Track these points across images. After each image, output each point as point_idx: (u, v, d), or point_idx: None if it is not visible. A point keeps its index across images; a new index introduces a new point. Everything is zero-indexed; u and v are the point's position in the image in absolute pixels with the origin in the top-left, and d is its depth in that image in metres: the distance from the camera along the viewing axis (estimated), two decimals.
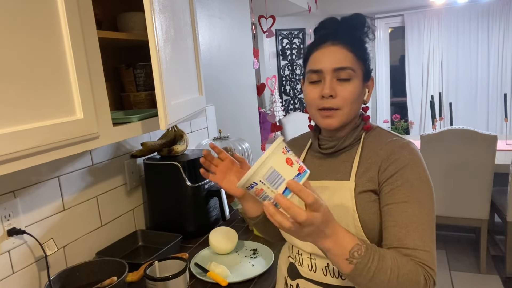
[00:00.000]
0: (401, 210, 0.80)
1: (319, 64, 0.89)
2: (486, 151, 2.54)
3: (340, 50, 0.88)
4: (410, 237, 0.78)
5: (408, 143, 0.87)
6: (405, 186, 0.81)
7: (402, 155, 0.84)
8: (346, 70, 0.86)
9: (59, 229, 1.22)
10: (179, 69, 1.17)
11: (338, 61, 0.87)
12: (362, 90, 0.90)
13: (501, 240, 3.13)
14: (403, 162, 0.83)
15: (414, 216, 0.79)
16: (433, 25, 4.99)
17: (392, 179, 0.83)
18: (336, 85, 0.87)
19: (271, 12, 3.23)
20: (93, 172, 1.35)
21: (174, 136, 1.60)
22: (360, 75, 0.89)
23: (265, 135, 3.01)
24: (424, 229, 0.78)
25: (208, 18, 2.19)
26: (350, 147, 0.93)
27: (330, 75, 0.87)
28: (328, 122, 0.89)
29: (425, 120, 5.19)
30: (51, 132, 0.80)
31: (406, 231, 0.79)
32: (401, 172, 0.83)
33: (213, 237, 1.34)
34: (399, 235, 0.79)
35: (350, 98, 0.87)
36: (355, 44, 0.89)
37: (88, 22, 0.92)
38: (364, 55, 0.90)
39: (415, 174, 0.82)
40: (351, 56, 0.88)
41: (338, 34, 0.90)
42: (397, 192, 0.82)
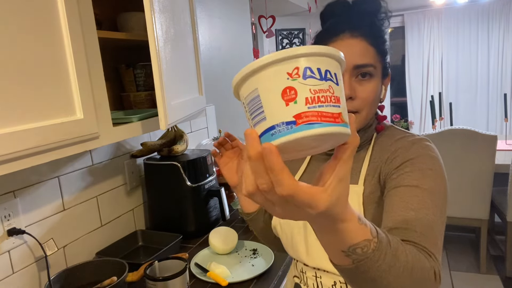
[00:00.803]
0: (412, 193, 0.69)
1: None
2: (486, 151, 2.54)
3: (361, 43, 0.76)
4: (419, 222, 0.66)
5: (421, 139, 0.77)
6: (416, 173, 0.71)
7: (413, 148, 0.75)
8: (368, 67, 0.75)
9: (59, 229, 1.22)
10: (179, 69, 1.17)
11: (359, 56, 0.75)
12: (381, 89, 0.81)
13: (501, 240, 3.13)
14: (413, 154, 0.74)
15: (426, 203, 0.68)
16: (433, 25, 4.99)
17: (399, 168, 0.73)
18: (355, 85, 0.76)
19: (271, 12, 3.23)
20: (93, 172, 1.35)
21: (174, 136, 1.60)
22: (380, 72, 0.79)
23: None
24: (435, 221, 0.67)
25: (208, 18, 2.19)
26: (360, 148, 0.84)
27: (349, 72, 0.76)
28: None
29: (425, 120, 5.19)
30: (51, 132, 0.80)
31: (416, 213, 0.67)
32: (411, 161, 0.72)
33: (213, 237, 1.34)
34: (407, 216, 0.67)
35: (370, 99, 0.77)
36: (376, 36, 0.77)
37: (88, 22, 0.92)
38: (384, 48, 0.80)
39: (428, 164, 0.72)
40: (372, 51, 0.76)
41: (355, 22, 0.77)
42: (407, 177, 0.71)
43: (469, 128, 2.58)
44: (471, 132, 2.56)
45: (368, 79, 0.77)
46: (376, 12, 0.80)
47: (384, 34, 0.81)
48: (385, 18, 0.81)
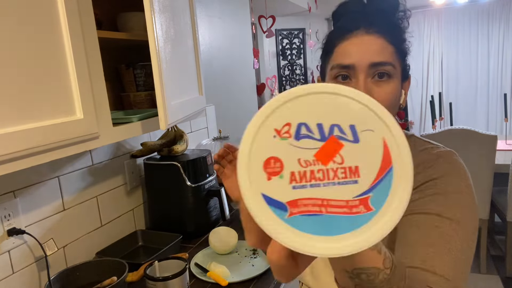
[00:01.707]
0: (432, 224, 0.62)
1: (349, 57, 0.67)
2: (486, 151, 2.54)
3: (378, 40, 0.67)
4: (440, 260, 0.59)
5: (447, 153, 0.70)
6: (440, 198, 0.64)
7: (437, 163, 0.67)
8: (387, 66, 0.67)
9: (59, 229, 1.22)
10: (179, 69, 1.17)
11: (376, 54, 0.67)
12: (400, 92, 0.72)
13: (501, 240, 3.13)
14: (438, 171, 0.66)
15: (449, 236, 0.61)
16: (433, 25, 4.99)
17: (421, 187, 0.66)
18: (371, 86, 0.67)
19: (271, 12, 3.23)
20: (93, 172, 1.35)
21: (174, 136, 1.60)
22: (399, 73, 0.70)
23: None
24: (459, 257, 0.60)
25: (208, 18, 2.19)
26: None
27: (365, 72, 0.67)
28: None
29: (425, 120, 5.20)
30: (51, 132, 0.80)
31: (435, 250, 0.60)
32: (434, 181, 0.65)
33: (213, 237, 1.34)
34: (424, 254, 0.60)
35: (387, 102, 0.67)
36: (395, 34, 0.70)
37: (88, 22, 0.92)
38: (404, 48, 0.72)
39: (453, 185, 0.64)
40: (391, 49, 0.68)
41: (373, 18, 0.70)
42: (428, 202, 0.64)
43: (469, 128, 2.58)
44: (471, 132, 2.56)
45: (387, 80, 0.68)
46: (394, 10, 0.73)
47: (403, 33, 0.73)
48: (404, 17, 0.74)
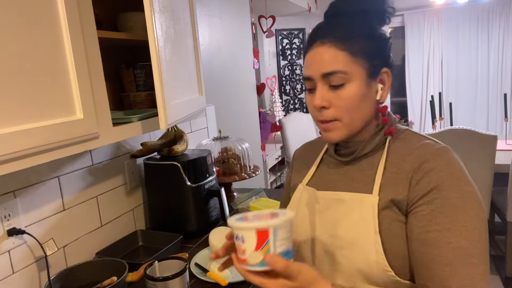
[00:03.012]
0: (444, 241, 0.64)
1: (308, 70, 0.75)
2: (486, 151, 2.54)
3: (329, 50, 0.72)
4: (456, 277, 0.63)
5: (445, 149, 0.71)
6: (446, 208, 0.66)
7: (438, 165, 0.68)
8: (337, 74, 0.72)
9: (59, 229, 1.22)
10: (179, 69, 1.17)
11: (326, 64, 0.72)
12: (367, 91, 0.74)
13: (501, 240, 3.13)
14: (440, 175, 0.68)
15: (461, 249, 0.63)
16: (433, 25, 4.99)
17: (428, 197, 0.67)
18: (329, 93, 0.73)
19: (271, 12, 3.23)
20: (93, 172, 1.35)
21: (174, 136, 1.60)
22: (361, 73, 0.73)
23: (265, 135, 3.01)
24: (474, 263, 0.63)
25: (208, 18, 2.19)
26: (372, 153, 0.78)
27: (321, 82, 0.74)
28: (327, 136, 0.77)
29: (425, 120, 5.19)
30: (51, 132, 0.80)
31: (450, 269, 0.63)
32: (439, 188, 0.67)
33: (213, 237, 1.34)
34: (442, 274, 0.64)
35: (347, 107, 0.73)
36: (349, 37, 0.72)
37: (88, 22, 0.92)
38: (366, 46, 0.73)
39: (456, 190, 0.66)
40: (342, 55, 0.71)
41: (329, 27, 0.75)
42: (437, 215, 0.66)
43: (469, 128, 2.58)
44: (471, 132, 2.56)
45: (341, 86, 0.72)
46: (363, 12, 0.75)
47: (371, 31, 0.75)
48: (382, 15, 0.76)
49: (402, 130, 0.80)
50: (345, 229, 0.74)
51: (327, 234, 0.77)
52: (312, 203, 0.82)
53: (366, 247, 0.70)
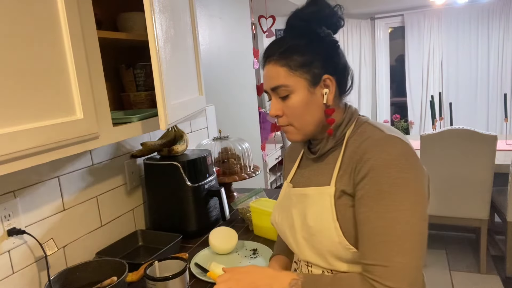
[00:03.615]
0: (368, 220, 0.75)
1: (264, 85, 0.89)
2: (486, 151, 2.54)
3: (272, 67, 0.84)
4: (371, 251, 0.73)
5: (384, 139, 0.77)
6: (374, 192, 0.74)
7: (375, 154, 0.75)
8: (280, 88, 0.83)
9: (59, 229, 1.22)
10: (179, 69, 1.17)
11: (272, 80, 0.84)
12: (311, 98, 0.83)
13: (501, 240, 3.13)
14: (373, 163, 0.75)
15: (379, 228, 0.73)
16: (433, 25, 4.99)
17: (362, 183, 0.76)
18: (280, 104, 0.85)
19: (271, 12, 3.23)
20: (93, 172, 1.35)
21: (174, 136, 1.60)
22: (303, 84, 0.82)
23: (265, 135, 3.01)
24: (389, 241, 0.72)
25: (208, 18, 2.19)
26: (334, 149, 0.88)
27: (273, 94, 0.86)
28: (289, 138, 0.89)
29: (425, 120, 5.19)
30: (51, 132, 0.80)
31: (369, 244, 0.74)
32: (371, 175, 0.75)
33: (213, 237, 1.34)
34: (362, 249, 0.76)
35: (295, 113, 0.84)
36: (287, 54, 0.82)
37: (88, 22, 0.92)
38: (306, 59, 0.82)
39: (385, 177, 0.73)
40: (283, 71, 0.82)
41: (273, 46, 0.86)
42: (366, 199, 0.75)
43: (469, 128, 2.58)
44: (471, 132, 2.56)
45: (287, 97, 0.84)
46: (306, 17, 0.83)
47: (307, 45, 0.83)
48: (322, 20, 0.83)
49: (360, 124, 0.87)
50: (311, 219, 0.84)
51: (301, 224, 0.88)
52: (289, 199, 0.94)
53: (329, 233, 0.81)
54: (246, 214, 1.57)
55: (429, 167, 2.72)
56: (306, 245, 0.87)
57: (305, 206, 0.88)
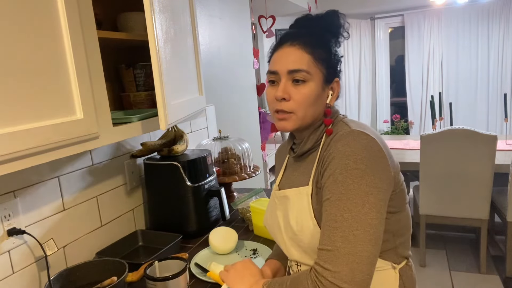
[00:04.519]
0: (324, 209, 0.78)
1: (275, 65, 0.87)
2: (486, 151, 2.54)
3: (297, 51, 0.85)
4: (322, 236, 0.77)
5: (347, 133, 0.80)
6: (330, 182, 0.78)
7: (335, 148, 0.79)
8: (301, 72, 0.84)
9: (59, 229, 1.22)
10: (179, 69, 1.17)
11: (293, 62, 0.85)
12: (321, 93, 0.87)
13: (501, 240, 3.14)
14: (334, 155, 0.79)
15: (330, 215, 0.76)
16: (433, 25, 4.99)
17: (324, 175, 0.80)
18: (290, 88, 0.85)
19: (271, 12, 3.23)
20: (93, 172, 1.35)
21: (174, 136, 1.60)
22: (319, 77, 0.86)
23: (265, 135, 3.01)
24: (336, 227, 0.75)
25: (208, 18, 2.19)
26: (314, 149, 0.90)
27: (285, 77, 0.85)
28: (282, 125, 0.88)
29: (425, 120, 5.19)
30: (51, 132, 0.80)
31: (322, 230, 0.78)
32: (330, 166, 0.79)
33: (213, 237, 1.34)
34: (320, 236, 0.79)
35: (305, 102, 0.85)
36: (315, 45, 0.86)
37: (88, 22, 0.92)
38: (326, 56, 0.86)
39: (341, 167, 0.76)
40: (308, 58, 0.84)
41: (300, 33, 0.88)
42: (325, 189, 0.79)
43: (469, 128, 2.58)
44: (471, 132, 2.56)
45: (302, 84, 0.85)
46: (331, 26, 0.89)
47: (329, 44, 0.88)
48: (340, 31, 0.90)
49: (336, 123, 0.89)
50: (292, 219, 0.88)
51: (285, 225, 0.91)
52: (274, 201, 0.98)
53: (309, 231, 0.83)
54: (246, 214, 1.57)
55: (429, 167, 2.72)
56: (291, 245, 0.90)
57: (286, 208, 0.91)
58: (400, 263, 0.89)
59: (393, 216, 0.85)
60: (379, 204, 0.76)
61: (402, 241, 0.88)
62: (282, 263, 1.07)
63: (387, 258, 0.87)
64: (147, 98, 1.37)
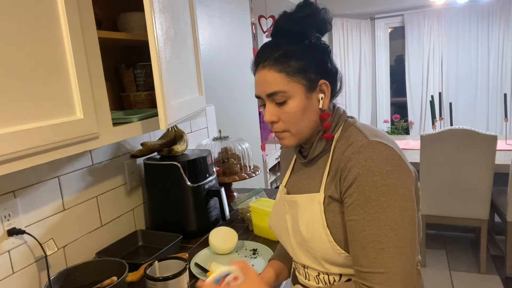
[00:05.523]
0: (360, 229, 0.75)
1: (256, 90, 0.86)
2: (486, 151, 2.54)
3: (268, 73, 0.81)
4: (366, 259, 0.75)
5: (367, 145, 0.76)
6: (362, 201, 0.75)
7: (358, 162, 0.75)
8: (278, 94, 0.81)
9: (59, 229, 1.22)
10: (179, 69, 1.17)
11: (268, 86, 0.81)
12: (308, 103, 0.82)
13: (501, 240, 3.14)
14: (357, 171, 0.75)
15: (372, 236, 0.74)
16: (433, 25, 4.99)
17: (349, 191, 0.77)
18: (276, 109, 0.83)
19: (271, 12, 3.23)
20: (93, 172, 1.35)
21: (174, 136, 1.60)
22: (300, 89, 0.81)
23: (265, 135, 3.01)
24: (383, 248, 0.73)
25: (208, 18, 2.19)
26: (324, 153, 0.87)
27: (267, 100, 0.84)
28: (281, 143, 0.88)
29: (425, 120, 5.19)
30: (51, 132, 0.80)
31: (363, 252, 0.75)
32: (356, 183, 0.75)
33: (213, 237, 1.34)
34: (357, 256, 0.76)
35: (292, 119, 0.82)
36: (284, 59, 0.80)
37: (88, 22, 0.92)
38: (302, 65, 0.81)
39: (370, 185, 0.73)
40: (280, 77, 0.80)
41: (267, 50, 0.82)
42: (355, 207, 0.76)
43: (469, 128, 2.58)
44: (471, 132, 2.56)
45: (284, 104, 0.82)
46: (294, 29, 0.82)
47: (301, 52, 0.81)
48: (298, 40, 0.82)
49: (347, 127, 0.86)
50: (302, 226, 0.86)
51: (294, 230, 0.89)
52: (283, 204, 0.95)
53: (320, 239, 0.82)
54: (246, 214, 1.57)
55: (429, 167, 2.72)
56: (300, 250, 0.89)
57: (296, 213, 0.89)
58: None
59: None
60: (414, 214, 0.75)
61: None
62: (285, 264, 1.06)
63: None
64: (147, 98, 1.37)
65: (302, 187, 0.92)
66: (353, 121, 0.87)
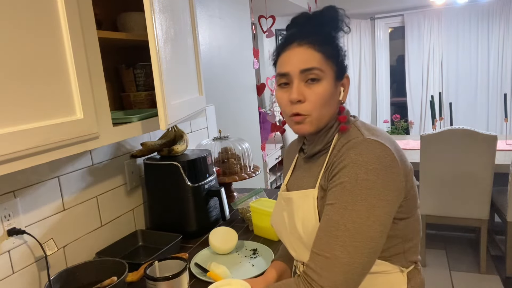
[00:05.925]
0: (326, 213, 0.78)
1: (286, 66, 0.85)
2: (486, 151, 2.54)
3: (307, 50, 0.83)
4: (320, 240, 0.77)
5: (360, 142, 0.78)
6: (337, 188, 0.77)
7: (348, 156, 0.77)
8: (314, 70, 0.82)
9: (59, 229, 1.22)
10: (179, 69, 1.17)
11: (305, 61, 0.82)
12: (335, 90, 0.86)
13: (501, 240, 3.14)
14: (343, 163, 0.77)
15: (332, 221, 0.76)
16: (433, 25, 4.99)
17: (332, 180, 0.79)
18: (304, 89, 0.83)
19: (271, 12, 3.23)
20: (93, 172, 1.35)
21: (174, 136, 1.60)
22: (331, 74, 0.84)
23: (265, 135, 3.01)
24: (338, 236, 0.74)
25: (208, 18, 2.19)
26: (325, 150, 0.89)
27: (298, 77, 0.83)
28: (299, 128, 0.86)
29: (425, 120, 5.19)
30: (51, 132, 0.80)
31: (320, 234, 0.78)
32: (339, 174, 0.78)
33: (213, 237, 1.34)
34: (316, 237, 0.79)
35: (320, 101, 0.83)
36: (323, 42, 0.84)
37: (88, 22, 0.92)
38: (335, 53, 0.85)
39: (350, 176, 0.75)
40: (318, 56, 0.83)
41: (305, 32, 0.86)
42: (330, 194, 0.78)
43: (469, 128, 2.58)
44: (471, 132, 2.56)
45: (316, 83, 0.83)
46: (331, 21, 0.87)
47: (335, 39, 0.87)
48: (340, 26, 0.88)
49: (350, 125, 0.88)
50: (298, 222, 0.87)
51: (291, 227, 0.91)
52: (280, 202, 0.97)
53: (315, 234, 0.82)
54: (246, 214, 1.57)
55: (429, 167, 2.72)
56: (298, 246, 0.90)
57: (292, 209, 0.90)
58: (409, 267, 0.88)
59: (402, 222, 0.83)
60: (384, 217, 0.75)
61: (410, 246, 0.87)
62: (288, 264, 1.06)
63: (395, 262, 0.85)
64: (147, 98, 1.37)
65: (300, 184, 0.93)
66: (354, 120, 0.89)
